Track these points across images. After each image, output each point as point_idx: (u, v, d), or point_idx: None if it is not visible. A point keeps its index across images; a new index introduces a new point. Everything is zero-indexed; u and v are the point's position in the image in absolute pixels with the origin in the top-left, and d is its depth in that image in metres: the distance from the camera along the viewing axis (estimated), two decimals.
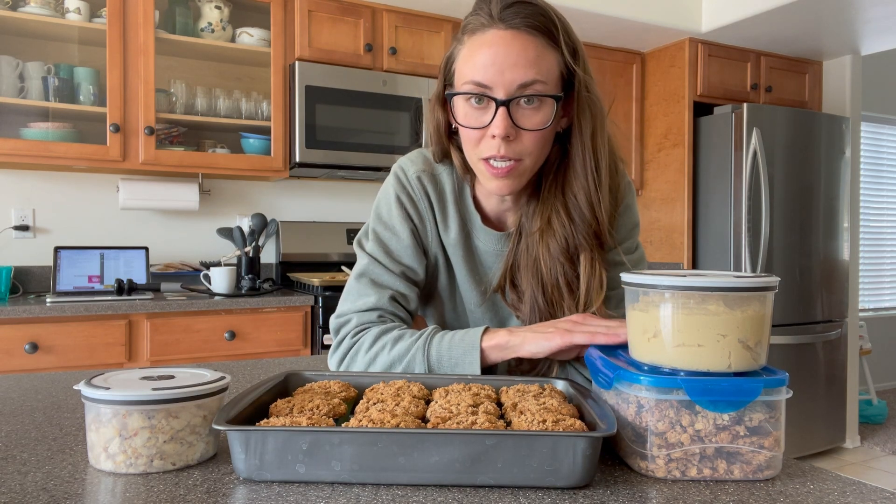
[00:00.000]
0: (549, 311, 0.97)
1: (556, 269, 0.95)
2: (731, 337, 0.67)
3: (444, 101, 0.97)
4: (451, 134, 1.00)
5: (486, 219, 1.04)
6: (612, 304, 1.00)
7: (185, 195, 2.93)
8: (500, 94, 0.87)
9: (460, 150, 0.98)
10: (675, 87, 3.65)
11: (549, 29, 0.89)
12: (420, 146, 1.09)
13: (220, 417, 0.64)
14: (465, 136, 0.93)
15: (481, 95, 0.89)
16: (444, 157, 1.03)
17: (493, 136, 0.88)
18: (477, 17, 0.91)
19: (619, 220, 1.02)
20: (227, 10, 2.89)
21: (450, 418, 0.68)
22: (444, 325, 1.09)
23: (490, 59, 0.87)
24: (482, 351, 0.90)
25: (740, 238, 3.40)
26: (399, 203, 1.03)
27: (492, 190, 0.94)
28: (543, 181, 0.98)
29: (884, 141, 5.23)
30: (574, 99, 0.93)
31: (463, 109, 0.91)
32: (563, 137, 0.97)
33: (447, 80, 0.96)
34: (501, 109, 0.87)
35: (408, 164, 1.05)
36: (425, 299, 1.11)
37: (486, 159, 0.91)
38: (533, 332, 0.90)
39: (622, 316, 0.81)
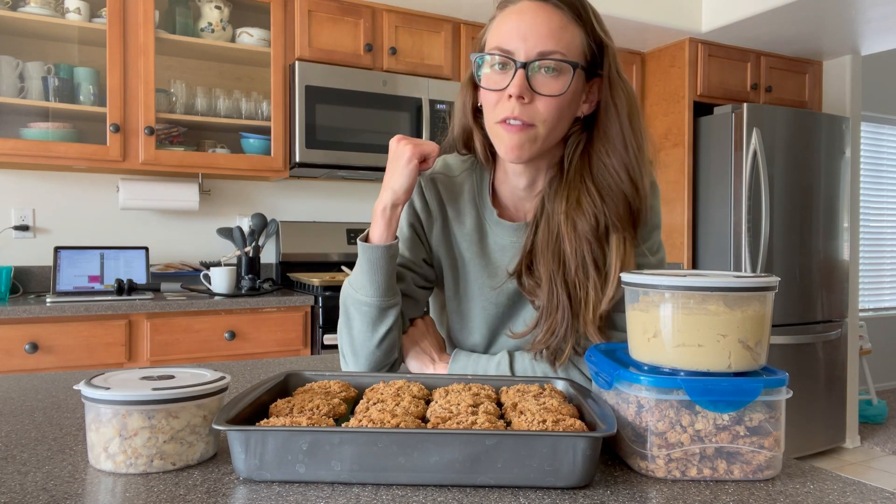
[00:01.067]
0: (569, 292, 0.97)
1: (582, 247, 0.96)
2: (731, 337, 0.67)
3: (474, 83, 1.01)
4: (476, 115, 1.04)
5: (503, 213, 1.08)
6: (623, 306, 1.01)
7: (185, 195, 2.93)
8: (521, 58, 0.92)
9: (483, 131, 1.02)
10: (675, 87, 3.65)
11: (576, 6, 0.94)
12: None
13: (220, 417, 0.64)
14: (486, 100, 0.97)
15: (504, 60, 0.93)
16: (467, 139, 1.07)
17: (510, 97, 0.92)
18: None
19: None
20: (227, 10, 2.88)
21: (450, 418, 0.68)
22: (446, 316, 1.12)
23: (516, 26, 0.92)
24: (368, 238, 0.99)
25: (740, 238, 3.40)
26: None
27: (504, 155, 0.97)
28: (567, 165, 1.01)
29: (884, 141, 5.23)
30: (604, 81, 0.97)
31: (486, 74, 0.96)
32: (587, 125, 1.00)
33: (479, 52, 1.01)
34: (520, 71, 0.91)
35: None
36: (430, 291, 1.15)
37: (503, 122, 0.94)
38: (387, 177, 0.99)
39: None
